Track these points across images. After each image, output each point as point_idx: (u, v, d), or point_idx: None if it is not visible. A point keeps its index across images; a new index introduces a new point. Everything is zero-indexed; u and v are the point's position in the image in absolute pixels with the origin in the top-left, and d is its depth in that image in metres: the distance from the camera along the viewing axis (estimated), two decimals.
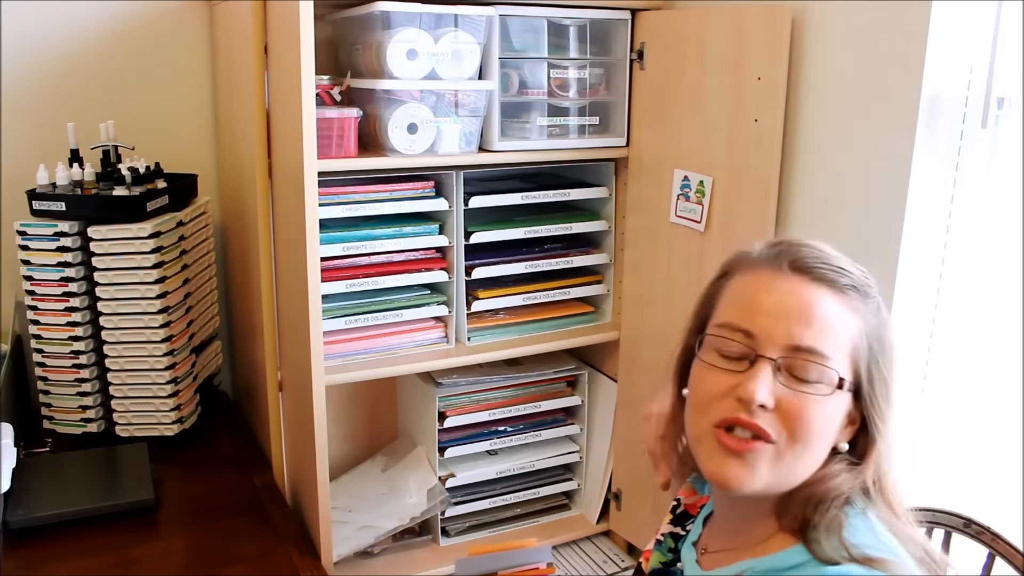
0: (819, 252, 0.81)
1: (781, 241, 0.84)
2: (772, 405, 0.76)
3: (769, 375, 0.77)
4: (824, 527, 0.76)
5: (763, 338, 0.78)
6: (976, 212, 1.31)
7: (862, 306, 0.79)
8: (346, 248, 1.57)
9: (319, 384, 1.44)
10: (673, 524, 0.97)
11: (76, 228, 1.47)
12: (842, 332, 0.78)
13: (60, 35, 1.68)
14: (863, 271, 0.82)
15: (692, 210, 1.59)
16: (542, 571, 1.21)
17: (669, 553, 0.95)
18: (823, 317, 0.77)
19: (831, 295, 0.78)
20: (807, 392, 0.76)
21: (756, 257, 0.83)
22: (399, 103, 1.50)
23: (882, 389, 0.80)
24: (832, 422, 0.78)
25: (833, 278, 0.78)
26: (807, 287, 0.78)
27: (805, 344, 0.76)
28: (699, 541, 0.91)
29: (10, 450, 1.31)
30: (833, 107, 1.37)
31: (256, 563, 1.28)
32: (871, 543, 0.75)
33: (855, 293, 0.79)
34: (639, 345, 1.78)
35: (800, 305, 0.77)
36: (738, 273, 0.83)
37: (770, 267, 0.80)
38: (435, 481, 1.78)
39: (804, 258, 0.80)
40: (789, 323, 0.77)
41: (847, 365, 0.78)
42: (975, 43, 1.23)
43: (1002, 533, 1.19)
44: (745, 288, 0.81)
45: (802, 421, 0.76)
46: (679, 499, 0.99)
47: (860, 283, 0.80)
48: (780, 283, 0.79)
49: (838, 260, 0.81)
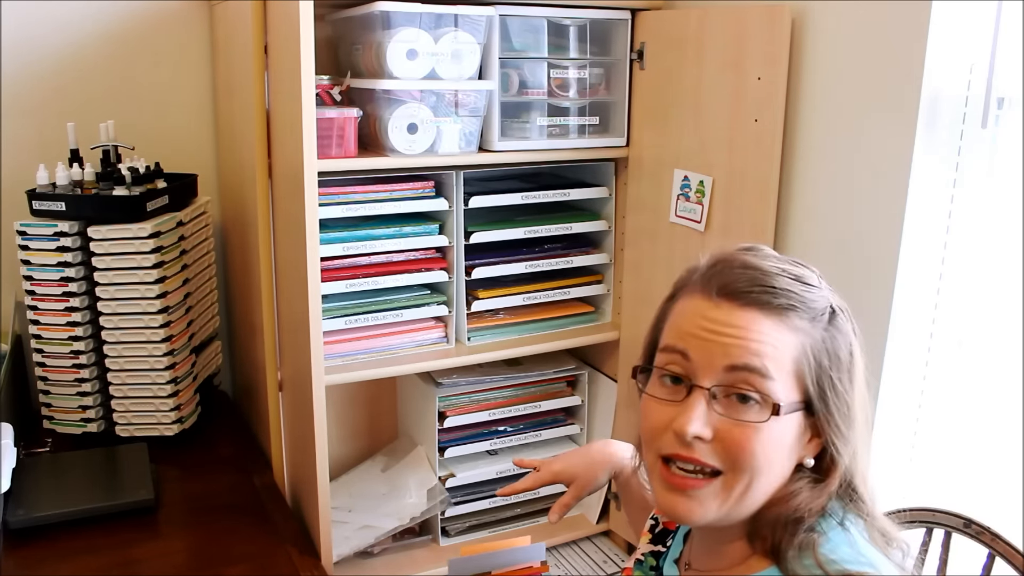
0: (754, 273, 0.78)
1: (721, 259, 0.81)
2: (708, 436, 0.75)
3: (703, 406, 0.75)
4: (796, 547, 0.75)
5: (698, 362, 0.76)
6: (976, 212, 1.31)
7: (803, 322, 0.76)
8: (346, 248, 1.57)
9: (319, 384, 1.44)
10: (652, 543, 0.97)
11: (76, 228, 1.47)
12: (780, 352, 0.75)
13: (60, 35, 1.68)
14: (809, 284, 0.79)
15: (692, 210, 1.59)
16: (536, 569, 1.21)
17: (651, 571, 0.95)
18: (758, 340, 0.75)
19: (764, 317, 0.75)
20: (744, 420, 0.74)
21: (694, 279, 0.81)
22: (399, 103, 1.50)
23: (837, 403, 0.77)
24: (780, 445, 0.76)
25: (766, 300, 0.76)
26: (738, 314, 0.76)
27: (741, 363, 0.74)
28: (681, 558, 0.91)
29: (10, 450, 1.31)
30: (833, 107, 1.37)
31: (256, 563, 1.28)
32: (850, 557, 0.75)
33: (794, 311, 0.76)
34: (639, 345, 1.77)
35: (734, 331, 0.75)
36: (681, 296, 0.82)
37: (704, 294, 0.78)
38: (435, 481, 1.78)
39: (734, 283, 0.77)
40: (723, 348, 0.75)
41: (791, 384, 0.76)
42: (975, 43, 1.23)
43: (1002, 533, 1.19)
44: (683, 313, 0.80)
45: (742, 450, 0.75)
46: (656, 518, 0.99)
47: (800, 300, 0.77)
48: (712, 312, 0.77)
49: (773, 279, 0.77)
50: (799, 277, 0.79)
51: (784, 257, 0.82)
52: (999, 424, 1.34)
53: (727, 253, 0.82)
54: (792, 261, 0.81)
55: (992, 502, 1.29)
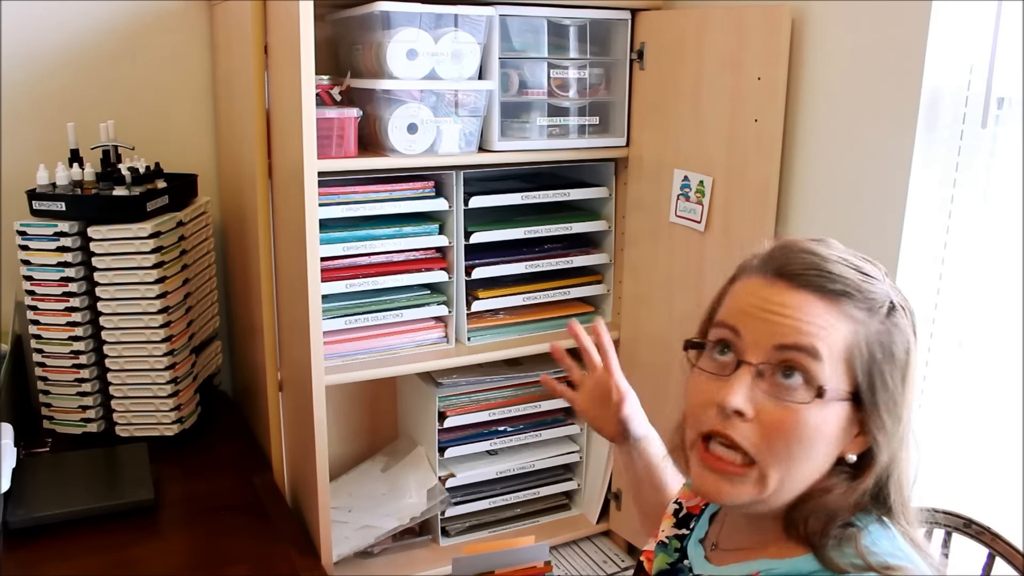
0: (812, 258, 0.77)
1: (783, 244, 0.81)
2: (750, 413, 0.74)
3: (747, 381, 0.75)
4: (835, 539, 0.75)
5: (747, 339, 0.76)
6: (976, 212, 1.31)
7: (859, 312, 0.75)
8: (346, 248, 1.57)
9: (319, 384, 1.44)
10: (676, 527, 0.97)
11: (76, 228, 1.47)
12: (832, 335, 0.74)
13: (60, 35, 1.68)
14: (869, 275, 0.78)
15: (692, 210, 1.59)
16: (539, 569, 1.21)
17: (675, 553, 0.95)
18: (809, 319, 0.74)
19: (818, 300, 0.75)
20: (788, 400, 0.74)
21: (755, 261, 0.81)
22: (399, 103, 1.50)
23: (885, 399, 0.76)
24: (821, 432, 0.75)
25: (820, 283, 0.75)
26: (792, 295, 0.75)
27: (790, 342, 0.74)
28: (706, 538, 0.91)
29: (10, 450, 1.31)
30: (833, 107, 1.37)
31: (256, 563, 1.28)
32: (891, 551, 0.75)
33: (849, 299, 0.76)
34: (639, 345, 1.78)
35: (785, 311, 0.75)
36: (740, 278, 0.82)
37: (760, 274, 0.79)
38: (435, 481, 1.78)
39: (790, 264, 0.77)
40: (773, 325, 0.75)
41: (840, 371, 0.75)
42: (975, 43, 1.23)
43: (1002, 533, 1.19)
44: (739, 293, 0.80)
45: (781, 435, 0.74)
46: (680, 502, 0.99)
47: (857, 288, 0.76)
48: (766, 291, 0.77)
49: (831, 264, 0.77)
50: (859, 268, 0.78)
51: (851, 250, 0.81)
52: (999, 424, 1.34)
53: (792, 239, 0.82)
54: (859, 255, 0.80)
55: (992, 502, 1.29)
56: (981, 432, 1.35)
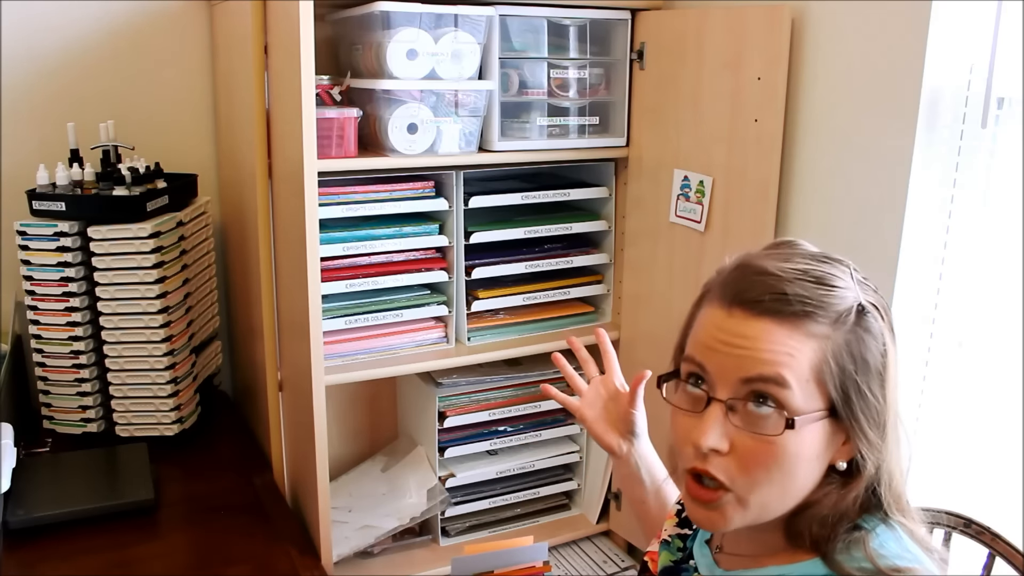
0: (768, 280, 0.75)
1: (741, 264, 0.79)
2: (725, 448, 0.74)
3: (719, 418, 0.75)
4: (844, 543, 0.75)
5: (714, 375, 0.76)
6: (976, 212, 1.31)
7: (822, 327, 0.74)
8: (346, 248, 1.57)
9: (319, 384, 1.44)
10: (679, 526, 0.97)
11: (76, 228, 1.47)
12: (797, 359, 0.73)
13: (60, 35, 1.68)
14: (830, 285, 0.75)
15: (692, 210, 1.59)
16: (538, 569, 1.22)
17: (679, 552, 0.95)
18: (771, 349, 0.73)
19: (779, 327, 0.74)
20: (760, 432, 0.74)
21: (717, 285, 0.80)
22: (399, 103, 1.50)
23: (864, 408, 0.75)
24: (800, 456, 0.74)
25: (777, 308, 0.74)
26: (752, 324, 0.74)
27: (754, 374, 0.73)
28: (712, 539, 0.91)
29: (10, 450, 1.31)
30: (833, 107, 1.37)
31: (256, 563, 1.29)
32: (899, 552, 0.75)
33: (809, 317, 0.74)
34: (639, 345, 1.78)
35: (745, 343, 0.74)
36: (705, 301, 0.81)
37: (720, 303, 0.77)
38: (435, 481, 1.78)
39: (747, 291, 0.75)
40: (736, 360, 0.74)
41: (812, 391, 0.74)
42: (975, 43, 1.23)
43: (1002, 533, 1.19)
44: (702, 323, 0.79)
45: (759, 465, 0.74)
46: (682, 503, 0.99)
47: (817, 304, 0.74)
48: (727, 322, 0.76)
49: (788, 285, 0.74)
50: (820, 279, 0.76)
51: (815, 254, 0.80)
52: (999, 424, 1.33)
53: (750, 256, 0.80)
54: (821, 258, 0.79)
55: (992, 502, 1.29)
56: (981, 432, 1.35)
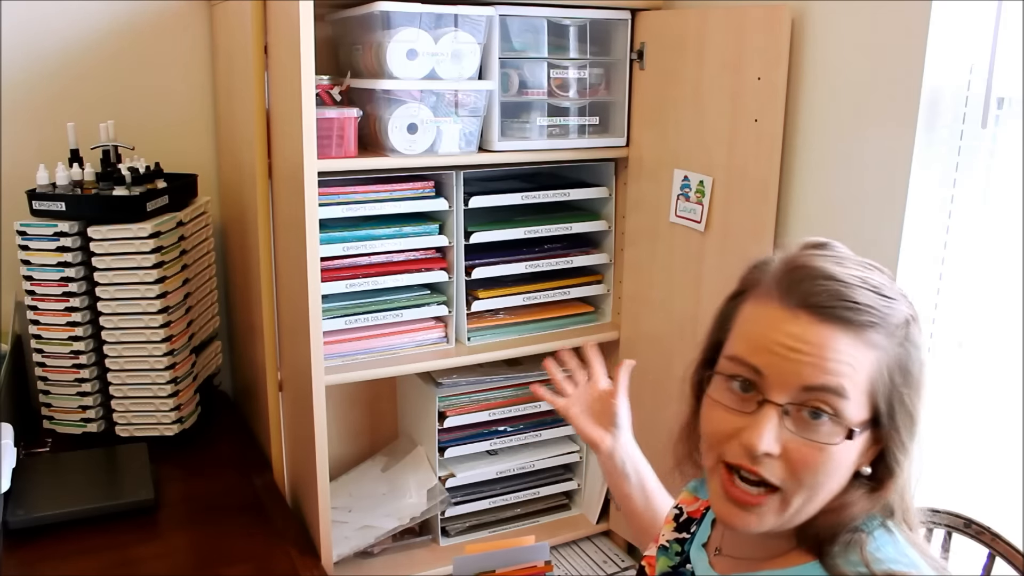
0: (835, 285, 0.74)
1: (799, 265, 0.77)
2: (777, 453, 0.74)
3: (775, 422, 0.74)
4: (842, 545, 0.76)
5: (772, 379, 0.74)
6: (976, 212, 1.31)
7: (882, 339, 0.74)
8: (346, 248, 1.57)
9: (319, 384, 1.44)
10: (677, 531, 0.97)
11: (76, 228, 1.47)
12: (858, 371, 0.73)
13: (60, 35, 1.68)
14: (888, 296, 0.75)
15: (692, 210, 1.59)
16: (540, 569, 1.22)
17: (676, 556, 0.95)
18: (836, 357, 0.73)
19: (845, 335, 0.73)
20: (816, 440, 0.73)
21: (770, 282, 0.78)
22: (399, 103, 1.50)
23: (904, 421, 0.76)
24: (845, 464, 0.75)
25: (848, 317, 0.73)
26: (819, 330, 0.73)
27: (818, 383, 0.73)
28: (709, 543, 0.91)
29: (10, 450, 1.31)
30: (833, 107, 1.37)
31: (256, 563, 1.29)
32: (896, 556, 0.75)
33: (874, 328, 0.74)
34: (639, 345, 1.78)
35: (812, 350, 0.73)
36: (752, 297, 0.79)
37: (782, 304, 0.75)
38: (435, 481, 1.78)
39: (817, 295, 0.74)
40: (799, 367, 0.73)
41: (864, 403, 0.74)
42: (975, 43, 1.23)
43: (1002, 533, 1.19)
44: (756, 321, 0.78)
45: (809, 470, 0.74)
46: (680, 507, 0.99)
47: (882, 316, 0.74)
48: (791, 325, 0.74)
49: (856, 292, 0.74)
50: (879, 289, 0.75)
51: (861, 261, 0.79)
52: (999, 424, 1.34)
53: (805, 257, 0.78)
54: (869, 265, 0.78)
55: (992, 502, 1.29)
56: (981, 432, 1.35)
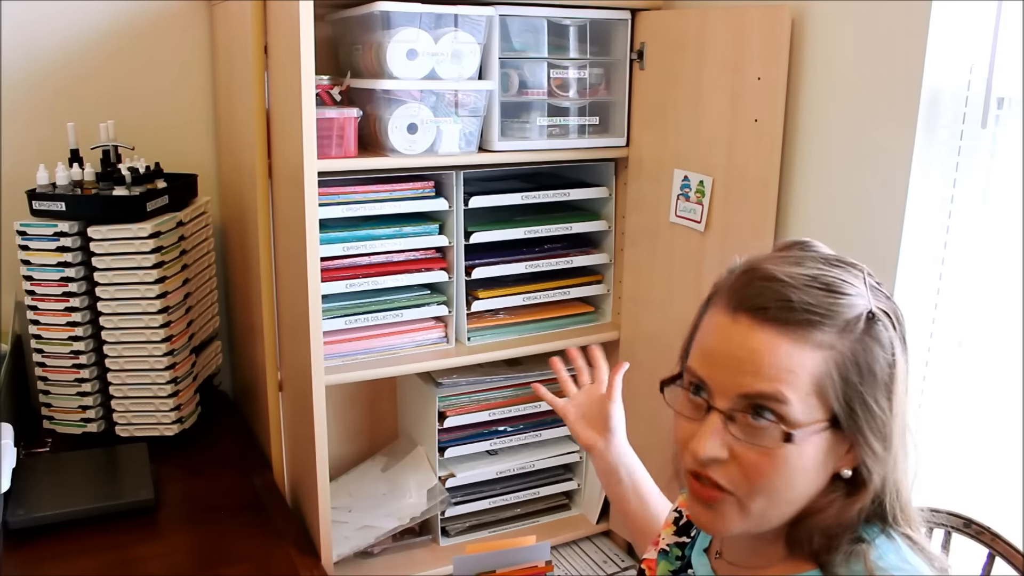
0: (775, 286, 0.74)
1: (749, 268, 0.78)
2: (724, 457, 0.74)
3: (718, 428, 0.74)
4: (844, 555, 0.75)
5: (714, 387, 0.76)
6: (976, 212, 1.31)
7: (829, 336, 0.73)
8: (346, 248, 1.57)
9: (319, 384, 1.44)
10: (677, 534, 0.97)
11: (76, 228, 1.47)
12: (798, 372, 0.72)
13: (60, 35, 1.68)
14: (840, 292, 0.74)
15: (692, 210, 1.59)
16: (540, 569, 1.21)
17: (677, 561, 0.94)
18: (770, 362, 0.72)
19: (780, 336, 0.72)
20: (758, 444, 0.73)
21: (724, 288, 0.79)
22: (399, 103, 1.50)
23: (869, 420, 0.74)
24: (800, 467, 0.74)
25: (784, 317, 0.72)
26: (753, 333, 0.73)
27: (752, 390, 0.73)
28: (710, 548, 0.91)
29: (10, 450, 1.31)
30: (833, 107, 1.37)
31: (256, 563, 1.29)
32: (898, 564, 0.74)
33: (815, 326, 0.72)
34: (639, 345, 1.78)
35: (745, 353, 0.73)
36: (712, 304, 0.80)
37: (726, 309, 0.76)
38: (435, 481, 1.78)
39: (755, 297, 0.74)
40: (735, 372, 0.74)
41: (812, 403, 0.73)
42: (975, 43, 1.23)
43: (1002, 533, 1.19)
44: (706, 330, 0.79)
45: (760, 474, 0.73)
46: (680, 510, 0.99)
47: (825, 312, 0.73)
48: (728, 331, 0.75)
49: (797, 292, 0.73)
50: (829, 285, 0.74)
51: (828, 257, 0.78)
52: (999, 424, 1.34)
53: (759, 259, 0.79)
54: (834, 262, 0.77)
55: (992, 502, 1.29)
56: (981, 432, 1.35)
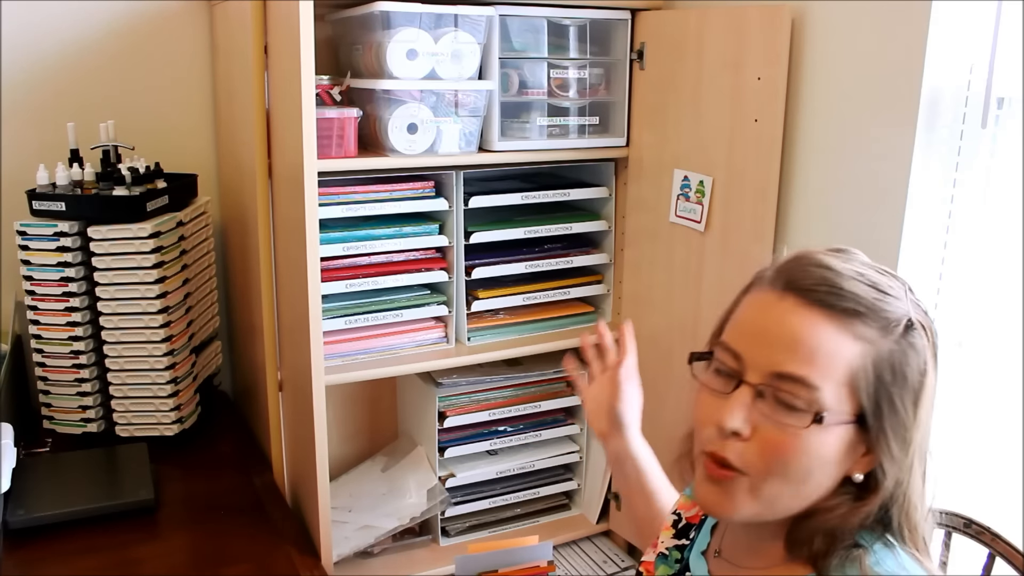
0: (825, 272, 0.75)
1: (799, 255, 0.79)
2: (747, 433, 0.74)
3: (747, 401, 0.74)
4: (840, 559, 0.74)
5: (748, 362, 0.75)
6: (976, 212, 1.31)
7: (870, 332, 0.73)
8: (346, 248, 1.57)
9: (319, 384, 1.44)
10: (676, 537, 0.97)
11: (76, 228, 1.47)
12: (835, 360, 0.72)
13: (60, 35, 1.68)
14: (885, 293, 0.75)
15: (692, 210, 1.59)
16: (542, 569, 1.21)
17: (676, 564, 0.94)
18: (811, 344, 0.72)
19: (825, 320, 0.73)
20: (786, 423, 0.73)
21: (771, 270, 0.79)
22: (399, 103, 1.50)
23: (893, 423, 0.73)
24: (820, 456, 0.73)
25: (831, 302, 0.73)
26: (799, 312, 0.73)
27: (786, 371, 0.73)
28: (708, 550, 0.91)
29: (10, 450, 1.31)
30: (833, 107, 1.37)
31: (256, 563, 1.29)
32: (895, 571, 0.74)
33: (859, 317, 0.73)
34: (639, 345, 1.77)
35: (787, 331, 0.73)
36: (753, 288, 0.80)
37: (772, 287, 0.77)
38: (435, 481, 1.78)
39: (802, 279, 0.75)
40: (773, 349, 0.74)
41: (843, 395, 0.73)
42: (975, 43, 1.23)
43: (1002, 533, 1.19)
44: (747, 307, 0.79)
45: (777, 453, 0.73)
46: (679, 513, 0.99)
47: (869, 306, 0.73)
48: (773, 308, 0.75)
49: (845, 280, 0.74)
50: (876, 284, 0.75)
51: (873, 264, 0.79)
52: (999, 424, 1.34)
53: (810, 251, 0.79)
54: (880, 269, 0.78)
55: (992, 502, 1.29)
56: (981, 432, 1.35)
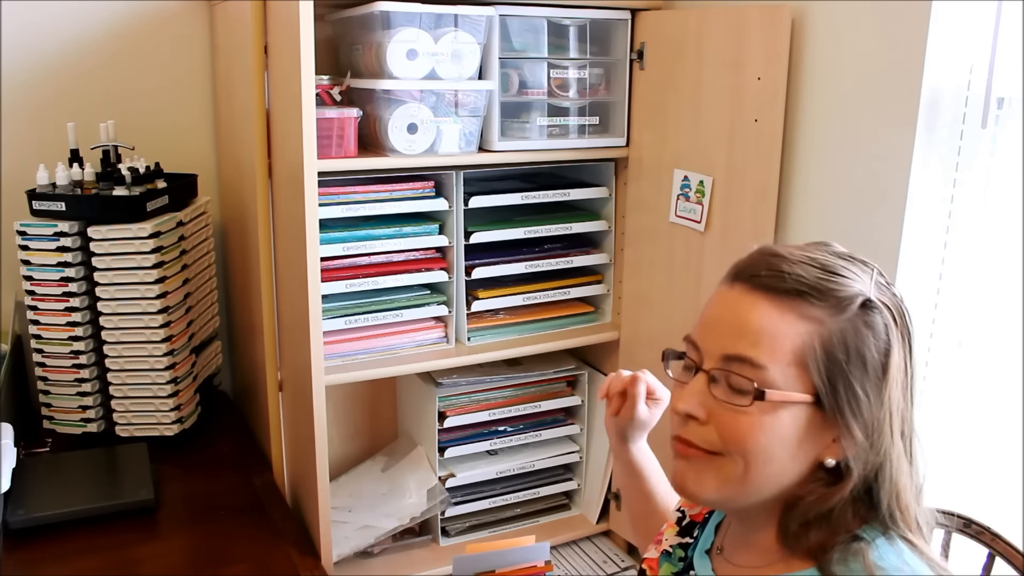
0: (772, 259, 0.77)
1: (759, 249, 0.81)
2: (702, 416, 0.77)
3: (701, 386, 0.78)
4: (841, 554, 0.75)
5: (704, 351, 0.79)
6: (976, 212, 1.31)
7: (818, 311, 0.74)
8: (346, 248, 1.57)
9: (319, 384, 1.44)
10: (680, 535, 0.97)
11: (76, 228, 1.47)
12: (780, 340, 0.74)
13: (60, 35, 1.68)
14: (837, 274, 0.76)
15: (692, 210, 1.59)
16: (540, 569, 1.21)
17: (680, 562, 0.94)
18: (754, 326, 0.75)
19: (767, 302, 0.75)
20: (736, 404, 0.75)
21: (729, 269, 0.83)
22: (399, 103, 1.50)
23: (851, 402, 0.74)
24: (780, 435, 0.75)
25: (773, 284, 0.75)
26: (745, 298, 0.77)
27: (733, 352, 0.76)
28: (712, 548, 0.91)
29: (10, 450, 1.31)
30: (833, 107, 1.37)
31: (256, 563, 1.29)
32: (898, 565, 0.74)
33: (802, 297, 0.74)
34: (639, 345, 1.78)
35: (734, 316, 0.77)
36: (718, 286, 0.84)
37: (727, 280, 0.81)
38: (435, 481, 1.78)
39: (749, 268, 0.78)
40: (723, 335, 0.77)
41: (792, 374, 0.74)
42: (975, 43, 1.23)
43: (1002, 533, 1.19)
44: (708, 303, 0.83)
45: (732, 434, 0.76)
46: (683, 510, 0.99)
47: (814, 287, 0.74)
48: (724, 297, 0.79)
49: (790, 265, 0.76)
50: (826, 266, 0.76)
51: (840, 252, 0.80)
52: (999, 424, 1.34)
53: (772, 245, 0.82)
54: (844, 256, 0.79)
55: (992, 502, 1.29)
56: (981, 432, 1.35)
